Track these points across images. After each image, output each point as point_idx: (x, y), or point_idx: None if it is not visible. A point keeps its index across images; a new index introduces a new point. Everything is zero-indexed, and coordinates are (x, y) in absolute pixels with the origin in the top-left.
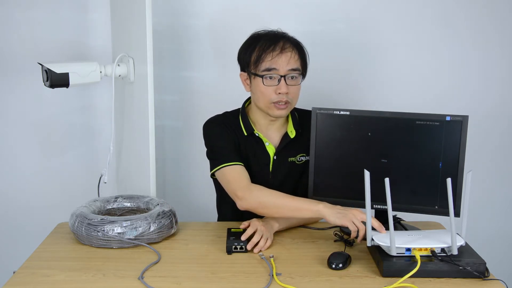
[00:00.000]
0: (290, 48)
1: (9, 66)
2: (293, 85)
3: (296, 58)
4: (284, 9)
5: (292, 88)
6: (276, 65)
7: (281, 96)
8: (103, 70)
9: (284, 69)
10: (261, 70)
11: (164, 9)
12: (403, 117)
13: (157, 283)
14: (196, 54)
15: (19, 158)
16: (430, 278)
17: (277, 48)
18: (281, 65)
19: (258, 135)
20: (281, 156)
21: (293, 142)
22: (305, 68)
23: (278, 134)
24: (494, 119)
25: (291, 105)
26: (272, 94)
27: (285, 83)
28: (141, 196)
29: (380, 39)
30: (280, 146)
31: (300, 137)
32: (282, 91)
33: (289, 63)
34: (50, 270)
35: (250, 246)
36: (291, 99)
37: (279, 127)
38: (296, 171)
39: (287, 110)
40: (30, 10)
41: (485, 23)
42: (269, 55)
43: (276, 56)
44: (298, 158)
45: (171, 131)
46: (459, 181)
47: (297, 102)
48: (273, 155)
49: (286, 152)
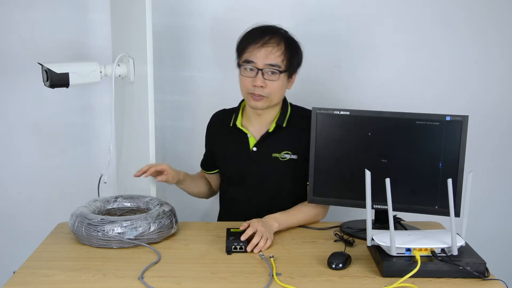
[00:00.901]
0: (275, 44)
1: (9, 66)
2: (271, 80)
3: (277, 54)
4: (285, 9)
5: (269, 83)
6: (254, 58)
7: (256, 89)
8: (103, 70)
9: (262, 63)
10: (242, 60)
11: (164, 9)
12: (403, 117)
13: (157, 283)
14: (196, 54)
15: (19, 158)
16: (430, 278)
17: (260, 42)
18: (259, 59)
19: (239, 127)
20: (262, 150)
21: (274, 137)
22: (291, 66)
23: (264, 128)
24: (494, 119)
25: (268, 99)
26: (248, 85)
27: (261, 77)
28: (141, 196)
29: (380, 39)
30: (260, 138)
31: (285, 133)
32: (257, 84)
33: (267, 58)
34: (50, 270)
35: (250, 248)
36: (268, 94)
37: (266, 121)
38: (279, 169)
39: (263, 103)
40: (30, 10)
41: (485, 23)
42: (251, 47)
43: (256, 49)
44: (282, 155)
45: (171, 131)
46: (459, 181)
47: (281, 97)
48: (252, 146)
49: (267, 146)
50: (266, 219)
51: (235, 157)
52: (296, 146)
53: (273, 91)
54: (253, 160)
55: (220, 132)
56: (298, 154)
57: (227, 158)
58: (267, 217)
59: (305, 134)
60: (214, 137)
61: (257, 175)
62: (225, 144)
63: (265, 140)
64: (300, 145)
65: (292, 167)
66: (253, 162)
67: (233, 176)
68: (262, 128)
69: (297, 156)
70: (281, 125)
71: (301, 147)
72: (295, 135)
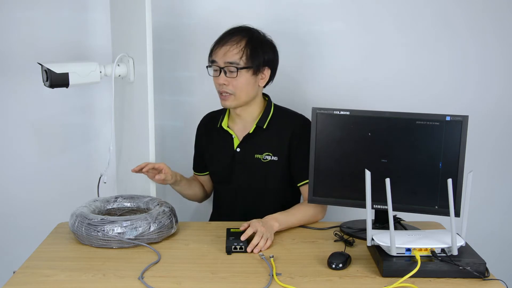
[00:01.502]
0: (234, 42)
1: (9, 66)
2: (232, 78)
3: (235, 52)
4: (285, 9)
5: (231, 81)
6: (216, 57)
7: (221, 87)
8: (103, 70)
9: (221, 61)
10: (209, 61)
11: (164, 9)
12: (403, 117)
13: (157, 283)
14: (196, 54)
15: (19, 158)
16: (430, 278)
17: (221, 41)
18: (219, 57)
19: (225, 128)
20: (245, 150)
21: (255, 138)
22: (253, 62)
23: (247, 129)
24: (494, 119)
25: (235, 97)
26: (216, 84)
27: (224, 75)
28: (141, 196)
29: (380, 39)
30: (242, 139)
31: (266, 135)
32: (220, 82)
33: (225, 56)
34: (50, 270)
35: (250, 248)
36: (232, 91)
37: (249, 121)
38: (260, 170)
39: (231, 102)
40: (30, 10)
41: (485, 23)
42: (215, 47)
43: (217, 49)
44: (263, 156)
45: (171, 131)
46: (459, 181)
47: (250, 95)
48: (236, 147)
49: (249, 147)
50: (267, 219)
51: (222, 157)
52: (277, 148)
53: (237, 89)
54: (237, 160)
55: (208, 134)
56: (279, 155)
57: (214, 159)
58: (268, 217)
59: (287, 136)
60: (203, 139)
61: (242, 176)
62: (212, 145)
63: (246, 141)
64: (282, 147)
65: (274, 168)
66: (237, 163)
67: (220, 176)
68: (244, 129)
69: (278, 158)
70: (261, 127)
71: (282, 148)
72: (276, 136)
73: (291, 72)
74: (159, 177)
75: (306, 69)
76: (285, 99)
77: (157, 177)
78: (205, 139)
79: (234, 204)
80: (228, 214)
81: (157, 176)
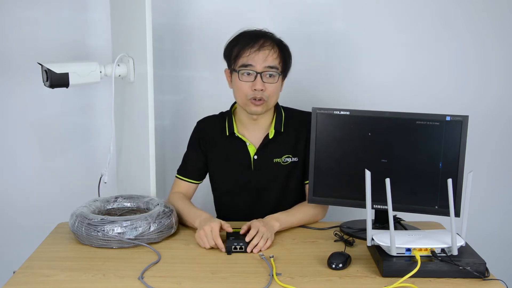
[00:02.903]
0: (270, 46)
1: (9, 66)
2: (270, 83)
3: (274, 57)
4: (286, 10)
5: (269, 86)
6: (252, 61)
7: (257, 93)
8: (103, 70)
9: (261, 66)
10: (238, 65)
11: (164, 9)
12: (403, 117)
13: (157, 283)
14: (196, 54)
15: (19, 158)
16: (430, 278)
17: (256, 45)
18: (257, 62)
19: (238, 136)
20: (263, 157)
21: (274, 142)
22: (286, 68)
23: (261, 134)
24: (494, 119)
25: (268, 103)
26: (248, 90)
27: (261, 80)
28: (141, 196)
29: (379, 39)
30: (260, 146)
31: (284, 137)
32: (257, 87)
33: (266, 60)
34: (50, 270)
35: (250, 248)
36: (267, 97)
37: (263, 127)
38: (281, 173)
39: (263, 107)
40: (30, 10)
41: (485, 23)
42: (247, 51)
43: (254, 53)
44: (283, 159)
45: (171, 131)
46: (459, 181)
47: (276, 101)
48: (253, 154)
49: (268, 152)
50: (268, 219)
51: (236, 166)
52: (296, 148)
53: (272, 94)
54: (254, 168)
55: (216, 141)
56: (298, 156)
57: (227, 169)
58: (269, 217)
59: (303, 135)
60: (206, 146)
61: (259, 183)
62: (222, 154)
63: (265, 147)
64: (299, 147)
65: (294, 169)
66: (255, 171)
67: (234, 186)
68: (259, 135)
69: (298, 158)
70: (279, 130)
71: (300, 148)
72: (293, 138)
73: (291, 72)
74: (227, 227)
75: (306, 69)
76: (285, 99)
77: (225, 226)
78: (209, 146)
79: (248, 211)
80: (240, 220)
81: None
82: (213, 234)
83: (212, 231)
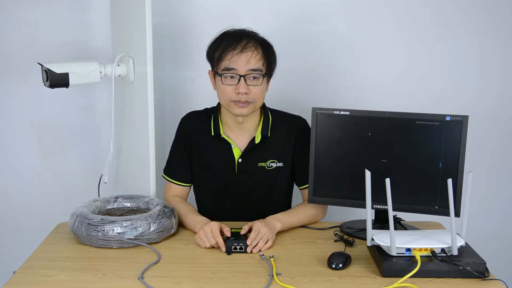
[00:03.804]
0: (253, 47)
1: (9, 66)
2: (254, 85)
3: (258, 58)
4: (284, 9)
5: (253, 88)
6: (235, 64)
7: (241, 96)
8: (103, 70)
9: (244, 68)
10: (221, 69)
11: (164, 9)
12: (403, 117)
13: (157, 283)
14: (196, 54)
15: (19, 158)
16: (430, 278)
17: (238, 47)
18: (240, 65)
19: (224, 137)
20: (248, 160)
21: (260, 147)
22: (270, 68)
23: (247, 138)
24: (494, 119)
25: (253, 105)
26: (231, 93)
27: (244, 83)
28: (141, 196)
29: (379, 39)
30: (245, 149)
31: (270, 142)
32: (241, 91)
33: (249, 63)
34: (50, 270)
35: (250, 249)
36: (252, 99)
37: (249, 130)
38: (266, 178)
39: (248, 109)
40: (30, 10)
41: (485, 23)
42: (229, 54)
43: (236, 56)
44: (268, 164)
45: (171, 131)
46: (459, 181)
47: (262, 102)
48: (238, 158)
49: (253, 156)
50: (269, 220)
51: (220, 168)
52: (282, 154)
53: (257, 96)
54: (238, 171)
55: (201, 141)
56: (283, 161)
57: (210, 170)
58: (270, 217)
59: (291, 141)
60: (193, 146)
61: (243, 186)
62: (207, 154)
63: (251, 151)
64: (286, 153)
65: (279, 175)
66: (238, 174)
67: (217, 188)
68: (245, 138)
69: (283, 164)
70: (266, 135)
71: (287, 154)
72: (280, 143)
73: (291, 72)
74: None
75: (306, 69)
76: (284, 100)
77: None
78: (194, 145)
79: (231, 214)
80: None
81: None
82: (214, 233)
83: (212, 231)
